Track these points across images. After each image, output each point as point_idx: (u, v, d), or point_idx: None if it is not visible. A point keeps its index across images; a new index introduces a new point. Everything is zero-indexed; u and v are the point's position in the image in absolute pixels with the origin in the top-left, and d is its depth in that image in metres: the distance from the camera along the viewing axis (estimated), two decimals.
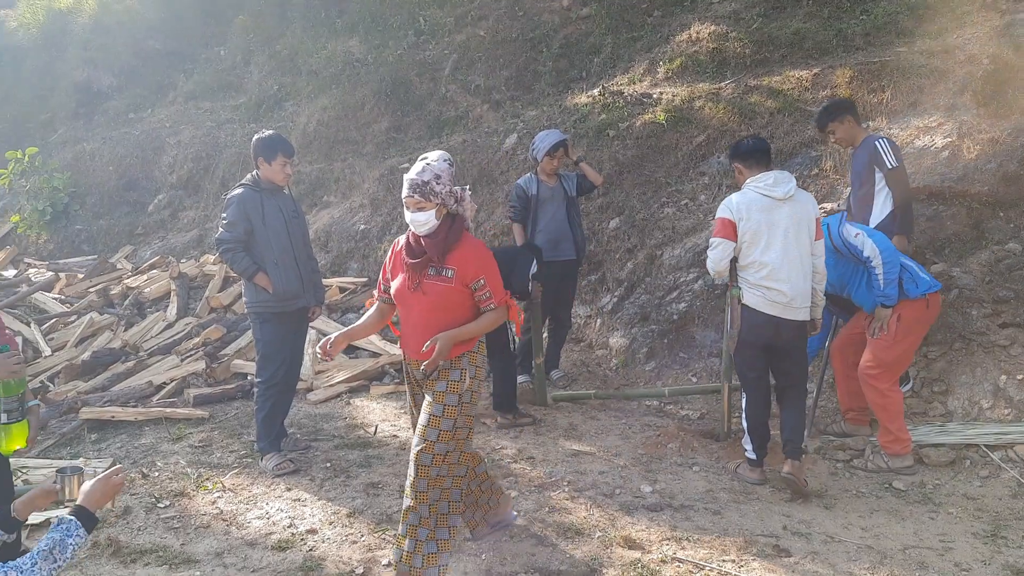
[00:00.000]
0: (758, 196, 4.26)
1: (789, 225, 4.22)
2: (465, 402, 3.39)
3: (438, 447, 3.31)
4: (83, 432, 5.62)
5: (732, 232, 4.25)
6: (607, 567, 3.57)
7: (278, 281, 4.72)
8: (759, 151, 4.39)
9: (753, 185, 4.30)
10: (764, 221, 4.21)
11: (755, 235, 4.22)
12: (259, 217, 4.73)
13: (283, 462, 4.76)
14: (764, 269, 4.22)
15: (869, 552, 3.73)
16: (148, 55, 13.00)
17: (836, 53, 7.84)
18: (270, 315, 4.80)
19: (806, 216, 4.28)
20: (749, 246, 4.25)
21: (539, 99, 9.27)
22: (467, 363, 3.42)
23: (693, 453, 4.91)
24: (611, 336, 6.55)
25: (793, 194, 4.27)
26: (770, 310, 4.25)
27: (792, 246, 4.22)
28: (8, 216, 11.37)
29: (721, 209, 4.33)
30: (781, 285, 4.20)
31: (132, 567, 3.72)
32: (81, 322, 7.70)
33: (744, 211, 4.23)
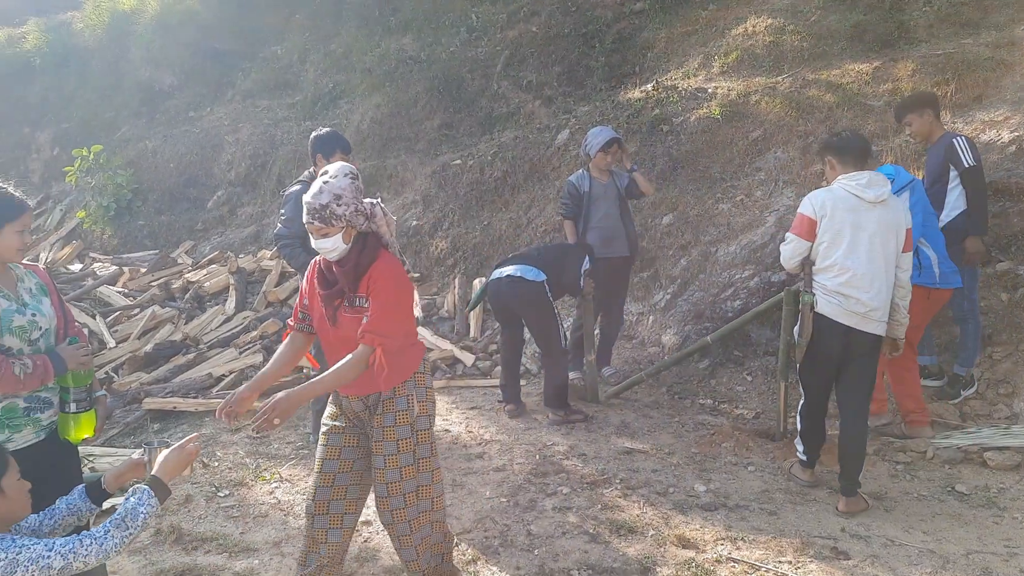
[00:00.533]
0: (846, 195, 3.93)
1: (876, 231, 3.89)
2: (419, 429, 3.03)
3: (406, 486, 2.99)
4: (146, 422, 5.79)
5: (810, 231, 3.96)
6: (661, 566, 3.55)
7: None
8: (857, 148, 4.02)
9: (843, 183, 3.96)
10: (849, 222, 3.89)
11: (837, 236, 3.92)
12: None
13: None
14: (845, 274, 3.91)
15: (931, 556, 3.64)
16: (207, 54, 13.28)
17: (898, 45, 7.64)
18: None
19: (896, 224, 3.94)
20: (829, 247, 3.95)
21: (591, 95, 9.23)
22: (411, 387, 3.03)
23: (748, 453, 4.85)
24: (663, 333, 6.50)
25: (886, 199, 3.91)
26: (845, 320, 3.95)
27: (878, 254, 3.90)
28: (75, 212, 11.75)
29: (803, 204, 4.03)
30: (861, 294, 3.90)
31: (194, 554, 3.82)
32: (144, 315, 7.92)
33: (828, 209, 3.92)
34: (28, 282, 2.95)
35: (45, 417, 2.89)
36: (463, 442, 5.12)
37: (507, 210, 8.19)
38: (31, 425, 2.85)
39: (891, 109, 6.67)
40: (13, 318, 2.78)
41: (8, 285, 2.85)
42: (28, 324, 2.82)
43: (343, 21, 12.43)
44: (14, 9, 16.29)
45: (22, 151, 14.16)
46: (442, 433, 5.29)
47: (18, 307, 2.81)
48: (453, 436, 5.23)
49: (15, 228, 2.79)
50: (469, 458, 4.85)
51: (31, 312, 2.85)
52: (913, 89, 6.72)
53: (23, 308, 2.83)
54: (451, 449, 5.00)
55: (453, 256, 8.17)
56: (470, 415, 5.60)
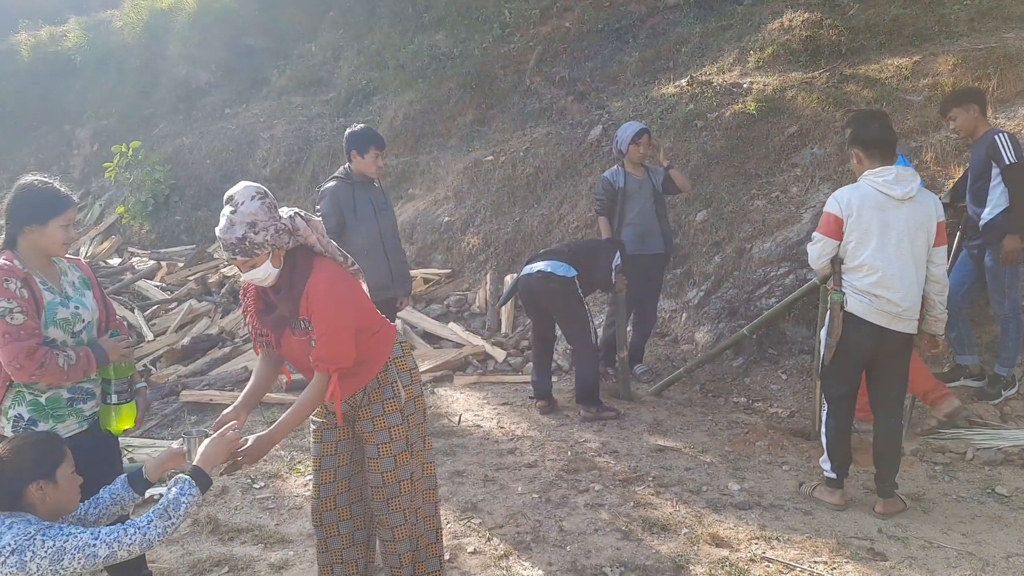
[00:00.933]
0: (873, 192, 3.80)
1: (905, 228, 3.78)
2: (409, 414, 3.00)
3: (400, 472, 2.97)
4: (183, 414, 5.89)
5: (837, 230, 3.84)
6: (694, 564, 3.53)
7: (368, 272, 4.81)
8: (884, 142, 3.89)
9: (870, 179, 3.83)
10: (877, 220, 3.77)
11: (865, 235, 3.79)
12: (350, 209, 4.82)
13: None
14: (874, 274, 3.79)
15: (970, 559, 3.57)
16: (243, 52, 13.45)
17: (938, 40, 7.50)
18: None
19: (926, 219, 3.82)
20: (857, 246, 3.82)
21: (625, 90, 9.18)
22: (394, 374, 2.98)
23: (783, 452, 4.80)
24: (697, 331, 6.45)
25: (915, 195, 3.79)
26: (877, 320, 3.83)
27: (907, 251, 3.79)
28: (114, 207, 11.97)
29: (829, 203, 3.90)
30: (892, 294, 3.78)
31: (230, 544, 3.88)
32: (181, 309, 8.06)
33: (855, 207, 3.80)
34: (71, 276, 3.01)
35: (87, 408, 2.96)
36: (494, 438, 5.14)
37: (539, 206, 8.19)
38: (74, 415, 2.91)
39: (931, 104, 6.57)
40: (57, 311, 2.84)
41: (52, 279, 2.91)
42: (71, 317, 2.88)
43: (376, 18, 12.51)
44: (56, 8, 16.63)
45: (63, 147, 14.47)
46: (473, 428, 5.30)
47: (62, 300, 2.87)
48: (484, 431, 5.24)
49: (60, 223, 2.85)
50: (500, 453, 4.86)
51: (74, 305, 2.91)
52: (954, 84, 6.59)
53: (66, 301, 2.89)
54: (483, 444, 5.02)
55: (484, 252, 8.19)
56: (501, 411, 5.61)
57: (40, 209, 2.83)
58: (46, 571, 2.24)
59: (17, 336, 2.70)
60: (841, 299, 3.91)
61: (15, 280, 2.74)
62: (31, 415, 2.83)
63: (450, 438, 5.14)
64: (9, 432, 2.82)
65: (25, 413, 2.83)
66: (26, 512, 2.35)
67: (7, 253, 2.84)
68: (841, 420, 4.05)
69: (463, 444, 5.03)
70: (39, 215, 2.83)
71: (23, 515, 2.33)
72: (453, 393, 6.06)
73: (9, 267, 2.77)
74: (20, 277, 2.76)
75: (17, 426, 2.82)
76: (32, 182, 2.89)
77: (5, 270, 2.75)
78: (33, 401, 2.84)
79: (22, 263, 2.82)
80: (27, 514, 2.34)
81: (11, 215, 2.86)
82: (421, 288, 7.99)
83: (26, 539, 2.23)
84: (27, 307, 2.74)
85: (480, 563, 3.60)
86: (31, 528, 2.27)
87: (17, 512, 2.34)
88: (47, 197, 2.85)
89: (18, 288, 2.74)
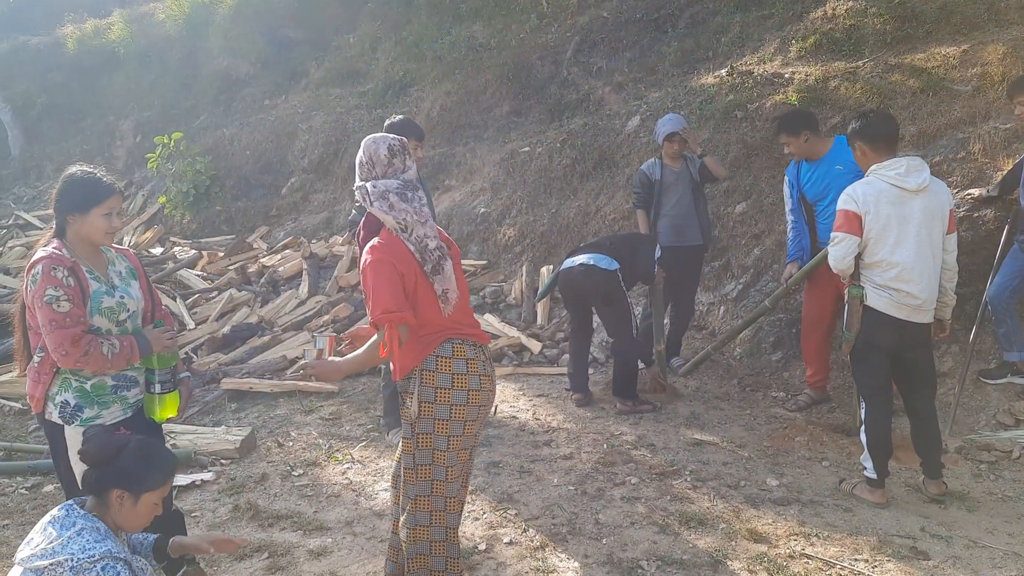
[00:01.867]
0: (887, 186, 3.79)
1: (922, 220, 3.78)
2: (419, 432, 2.91)
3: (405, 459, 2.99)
4: (224, 401, 5.98)
5: (857, 226, 3.80)
6: (731, 559, 3.50)
7: None
8: (887, 134, 3.87)
9: (881, 173, 3.82)
10: (894, 215, 3.77)
11: (883, 230, 3.78)
12: None
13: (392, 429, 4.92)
14: (893, 269, 3.79)
15: (1016, 559, 3.50)
16: (282, 43, 13.57)
17: (987, 28, 7.30)
18: None
19: (940, 208, 3.83)
20: (876, 243, 3.81)
21: (663, 80, 9.09)
22: (416, 385, 2.91)
23: (822, 447, 4.74)
24: (735, 324, 6.38)
25: (927, 184, 3.79)
26: (898, 313, 3.83)
27: (925, 243, 3.79)
28: (156, 197, 12.18)
29: (844, 200, 3.87)
30: (912, 287, 3.79)
31: (269, 531, 3.94)
32: (221, 298, 8.17)
33: (872, 203, 3.77)
34: (119, 265, 3.06)
35: (131, 395, 3.02)
36: (530, 429, 5.14)
37: (575, 198, 8.15)
38: (119, 402, 2.97)
39: (979, 94, 6.41)
40: (103, 300, 2.90)
41: (99, 268, 2.97)
42: (116, 305, 2.93)
43: (413, 9, 12.53)
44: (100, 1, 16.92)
45: (107, 138, 14.74)
46: (509, 420, 5.31)
47: (108, 289, 2.93)
48: (520, 423, 5.25)
49: (101, 211, 2.89)
50: (536, 445, 4.86)
51: (120, 294, 2.96)
52: (1003, 74, 6.42)
53: (112, 290, 2.95)
54: (518, 436, 5.03)
55: (520, 244, 8.18)
56: (537, 403, 5.61)
57: (81, 198, 2.89)
58: None
59: (63, 323, 2.76)
60: (860, 293, 3.90)
61: (63, 268, 2.80)
62: (77, 401, 2.90)
63: (486, 429, 5.15)
64: (56, 418, 2.89)
65: (71, 399, 2.89)
66: (102, 510, 2.39)
67: (56, 242, 2.90)
68: (879, 415, 4.02)
69: (499, 435, 5.04)
70: (81, 204, 2.88)
71: (96, 520, 2.35)
72: None
73: (58, 256, 2.82)
74: (67, 266, 2.82)
75: (64, 412, 2.88)
76: (75, 172, 2.95)
77: (54, 259, 2.81)
78: (79, 388, 2.90)
79: (70, 252, 2.88)
80: (99, 520, 2.36)
81: (57, 204, 2.93)
82: None
83: (89, 561, 2.23)
84: (73, 295, 2.80)
85: (516, 554, 3.60)
86: (96, 549, 2.26)
87: (95, 515, 2.37)
88: (88, 186, 2.90)
89: (65, 277, 2.79)
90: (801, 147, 5.02)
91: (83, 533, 2.29)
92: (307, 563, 3.60)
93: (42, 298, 2.77)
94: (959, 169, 5.95)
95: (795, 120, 5.07)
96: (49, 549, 2.25)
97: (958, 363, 5.04)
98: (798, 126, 5.00)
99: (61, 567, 2.22)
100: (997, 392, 4.98)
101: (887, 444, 4.05)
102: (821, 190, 4.99)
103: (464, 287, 3.07)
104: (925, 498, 4.11)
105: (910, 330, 3.89)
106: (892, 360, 3.99)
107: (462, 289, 3.01)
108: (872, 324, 3.89)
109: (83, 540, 2.27)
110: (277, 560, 3.63)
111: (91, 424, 2.87)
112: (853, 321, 3.93)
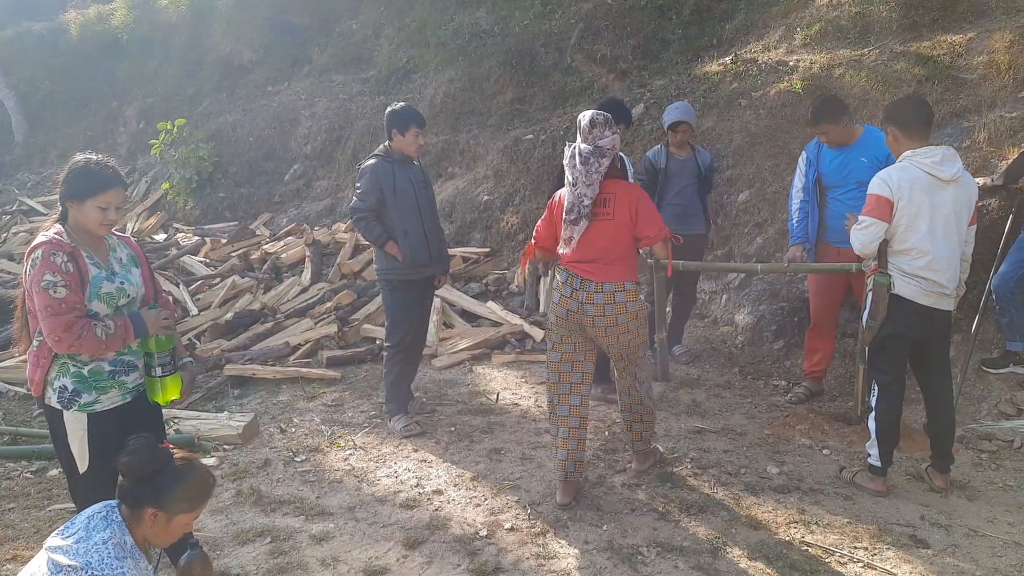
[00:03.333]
0: (922, 174, 3.74)
1: (952, 210, 3.76)
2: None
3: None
4: (227, 388, 6.00)
5: (887, 212, 3.75)
6: (731, 546, 3.51)
7: (407, 250, 4.83)
8: (923, 119, 3.83)
9: (917, 160, 3.77)
10: (927, 203, 3.73)
11: (915, 218, 3.75)
12: (390, 187, 4.83)
13: (410, 424, 4.94)
14: (924, 258, 3.77)
15: (1016, 549, 3.51)
16: (285, 30, 13.51)
17: (994, 16, 7.25)
18: (399, 282, 4.93)
19: (968, 201, 3.82)
20: (907, 230, 3.77)
21: (667, 68, 9.06)
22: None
23: (823, 436, 4.75)
24: (737, 313, 6.39)
25: (960, 176, 3.77)
26: (925, 300, 3.82)
27: (953, 233, 3.79)
28: (159, 184, 12.17)
29: (877, 185, 3.81)
30: (940, 276, 3.78)
31: (272, 516, 3.96)
32: (224, 284, 8.19)
33: (906, 190, 3.73)
34: (120, 252, 3.07)
35: (130, 380, 3.02)
36: (532, 416, 5.16)
37: None
38: (117, 387, 2.98)
39: (985, 82, 6.37)
40: (102, 285, 2.91)
41: (100, 254, 2.97)
42: (116, 291, 2.94)
43: None
44: None
45: (111, 124, 14.72)
46: (511, 407, 5.33)
47: (107, 275, 2.94)
48: (523, 410, 5.26)
49: (96, 203, 2.88)
50: (538, 432, 4.88)
51: (120, 280, 2.97)
52: (1010, 62, 6.38)
53: (112, 276, 2.95)
54: (520, 423, 5.04)
55: (524, 231, 8.17)
56: (539, 390, 5.62)
57: (79, 187, 2.89)
58: None
59: (58, 310, 2.77)
60: (887, 282, 3.85)
61: (62, 254, 2.80)
62: (75, 386, 2.90)
63: (488, 416, 5.17)
64: (55, 403, 2.91)
65: (70, 384, 2.90)
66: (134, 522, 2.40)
67: (58, 227, 2.91)
68: (892, 405, 4.00)
69: (501, 422, 5.05)
70: (78, 192, 2.89)
71: (126, 533, 2.37)
72: (491, 371, 6.08)
73: (58, 241, 2.83)
74: (67, 251, 2.82)
75: (62, 397, 2.90)
76: (80, 160, 2.94)
77: (53, 243, 2.82)
78: (77, 373, 2.91)
79: (71, 237, 2.89)
80: (128, 534, 2.38)
81: (60, 190, 2.94)
82: (460, 267, 8.02)
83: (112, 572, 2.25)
84: (71, 281, 2.80)
85: (517, 540, 3.62)
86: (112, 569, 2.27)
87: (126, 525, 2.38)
88: (88, 176, 2.89)
89: (64, 262, 2.80)
90: (840, 133, 4.85)
91: (108, 545, 2.31)
92: (309, 548, 3.63)
93: (39, 283, 2.78)
94: (964, 158, 5.92)
95: (835, 108, 4.88)
96: (73, 548, 2.28)
97: (960, 352, 5.03)
98: (838, 113, 4.83)
99: (76, 573, 2.24)
100: (999, 382, 4.98)
101: (896, 433, 4.05)
102: (841, 178, 4.88)
103: (600, 242, 3.82)
104: (925, 487, 4.12)
105: (937, 317, 3.88)
106: (914, 348, 3.99)
107: (594, 242, 3.81)
108: (900, 313, 3.86)
109: (105, 552, 2.29)
110: (280, 545, 3.65)
111: (90, 409, 2.89)
112: (879, 309, 3.89)
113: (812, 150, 5.05)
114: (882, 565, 3.34)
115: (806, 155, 5.08)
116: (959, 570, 3.33)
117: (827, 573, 3.30)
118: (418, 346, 5.21)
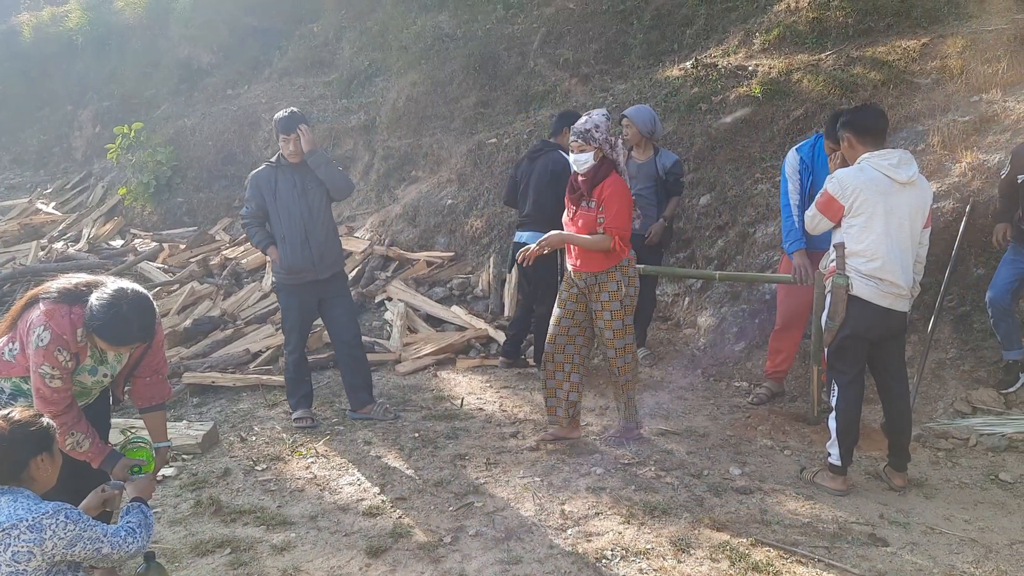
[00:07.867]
0: (879, 176, 3.81)
1: (907, 213, 3.83)
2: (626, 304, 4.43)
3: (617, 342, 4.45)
4: (186, 396, 5.89)
5: (836, 213, 3.88)
6: (695, 548, 3.53)
7: (284, 254, 4.94)
8: (878, 126, 3.94)
9: (874, 163, 3.84)
10: (882, 205, 3.79)
11: (870, 220, 3.81)
12: (271, 193, 4.96)
13: (304, 417, 5.12)
14: (877, 260, 3.82)
15: (973, 545, 3.57)
16: (245, 32, 13.36)
17: (947, 21, 7.42)
18: (282, 286, 5.12)
19: (923, 203, 3.90)
20: (862, 231, 3.83)
21: (629, 72, 9.11)
22: (619, 275, 4.36)
23: (784, 437, 4.80)
24: (699, 315, 6.43)
25: (916, 179, 3.85)
26: (882, 302, 3.87)
27: (905, 235, 3.85)
28: (116, 189, 11.94)
29: (831, 183, 3.89)
30: (896, 277, 3.83)
31: (232, 526, 3.88)
32: (183, 291, 8.06)
33: (860, 193, 3.81)
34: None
35: None
36: (497, 421, 5.14)
37: None
38: None
39: (939, 87, 6.50)
40: (84, 373, 3.03)
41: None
42: (92, 383, 3.09)
43: None
44: None
45: (66, 128, 14.43)
46: (476, 412, 5.30)
47: (92, 367, 3.04)
48: (487, 415, 5.24)
49: (110, 349, 2.98)
50: (503, 437, 4.86)
51: (102, 373, 3.09)
52: (963, 67, 6.53)
53: (95, 369, 3.05)
54: (484, 428, 5.02)
55: (488, 235, 8.16)
56: (504, 394, 5.61)
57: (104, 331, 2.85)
58: (59, 553, 2.26)
59: (51, 399, 2.90)
60: (846, 283, 3.91)
61: (66, 352, 2.87)
62: (12, 391, 2.98)
63: (452, 421, 5.14)
64: None
65: (8, 388, 2.98)
66: (23, 486, 2.34)
67: (77, 310, 2.89)
68: (851, 404, 4.05)
69: (465, 427, 5.03)
70: (102, 335, 2.87)
71: (21, 490, 2.31)
72: (456, 376, 6.05)
73: (67, 340, 2.87)
74: (73, 352, 2.89)
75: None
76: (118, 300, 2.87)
77: (62, 341, 2.86)
78: (16, 386, 2.99)
79: (82, 336, 2.90)
80: (25, 489, 2.32)
81: (87, 314, 2.88)
82: (424, 271, 7.97)
83: (46, 516, 2.24)
84: (66, 373, 2.90)
85: (482, 545, 3.60)
86: (46, 506, 2.28)
87: (15, 487, 2.32)
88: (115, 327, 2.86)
89: (66, 360, 2.88)
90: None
91: (19, 499, 2.28)
92: (270, 558, 3.57)
93: (38, 368, 2.85)
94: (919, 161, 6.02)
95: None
96: None
97: (917, 352, 5.11)
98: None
99: (17, 529, 2.21)
100: (955, 381, 5.07)
101: (856, 431, 4.10)
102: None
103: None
104: (884, 486, 4.18)
105: (894, 318, 3.95)
106: (872, 348, 4.04)
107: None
108: (859, 313, 3.91)
109: (27, 503, 2.28)
110: (240, 556, 3.58)
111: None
112: (838, 310, 3.94)
113: (807, 153, 4.93)
114: (841, 564, 3.38)
115: (800, 156, 4.94)
116: (917, 567, 3.38)
117: (788, 573, 3.32)
118: (302, 347, 5.27)
